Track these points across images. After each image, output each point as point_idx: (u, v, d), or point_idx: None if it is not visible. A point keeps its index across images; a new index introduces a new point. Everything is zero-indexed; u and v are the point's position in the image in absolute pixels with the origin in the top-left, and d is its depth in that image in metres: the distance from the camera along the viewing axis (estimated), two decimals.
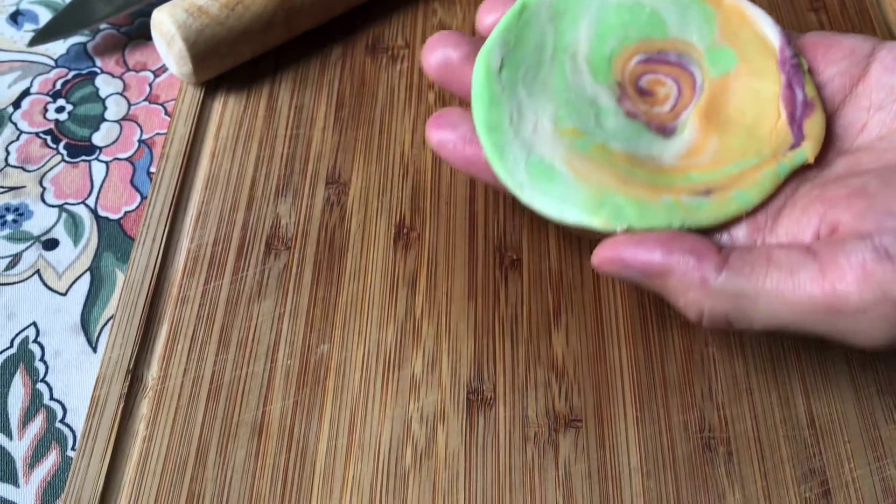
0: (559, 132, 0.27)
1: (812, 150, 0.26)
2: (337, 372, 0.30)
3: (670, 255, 0.24)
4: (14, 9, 0.43)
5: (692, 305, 0.24)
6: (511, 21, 0.28)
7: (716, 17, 0.29)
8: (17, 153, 0.37)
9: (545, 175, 0.26)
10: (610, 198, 0.25)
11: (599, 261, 0.25)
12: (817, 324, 0.23)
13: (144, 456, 0.29)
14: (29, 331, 0.32)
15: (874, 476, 0.28)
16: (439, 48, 0.28)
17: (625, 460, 0.29)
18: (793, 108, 0.27)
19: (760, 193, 0.26)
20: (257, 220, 0.34)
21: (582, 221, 0.25)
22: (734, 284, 0.23)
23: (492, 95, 0.27)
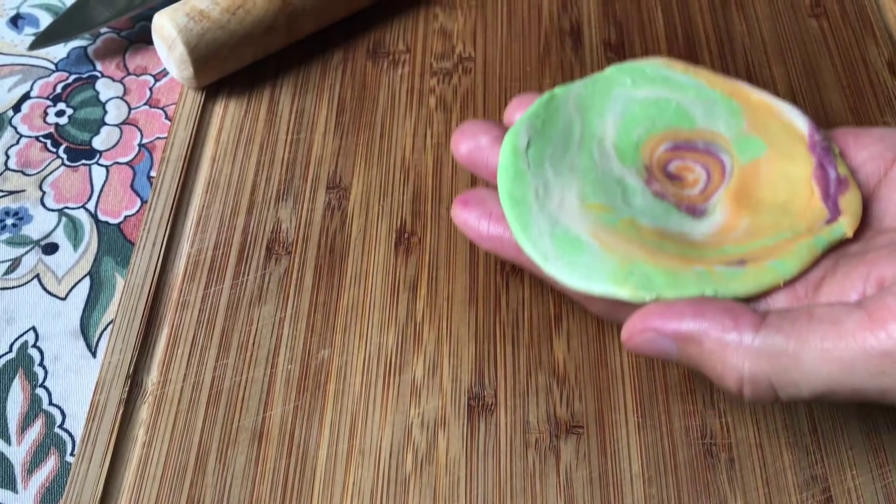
0: (585, 207, 0.26)
1: (850, 225, 0.25)
2: (337, 377, 0.30)
3: (703, 318, 0.22)
4: (14, 12, 0.43)
5: (730, 371, 0.22)
6: (539, 108, 0.28)
7: (743, 111, 0.29)
8: (16, 157, 0.37)
9: (571, 246, 0.25)
10: (638, 267, 0.24)
11: (629, 334, 0.24)
12: (870, 378, 0.21)
13: (144, 461, 0.29)
14: (28, 335, 0.32)
15: (876, 483, 0.28)
16: (470, 136, 0.29)
17: (626, 466, 0.29)
18: (826, 184, 0.27)
19: (798, 263, 0.25)
20: (258, 224, 0.34)
21: (609, 292, 0.24)
22: (774, 342, 0.22)
23: (517, 170, 0.27)
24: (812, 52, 0.40)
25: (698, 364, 0.23)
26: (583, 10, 0.42)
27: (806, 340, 0.21)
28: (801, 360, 0.21)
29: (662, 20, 0.41)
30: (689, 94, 0.29)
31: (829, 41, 0.40)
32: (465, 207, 0.27)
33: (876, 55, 0.40)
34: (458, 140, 0.29)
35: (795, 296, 0.24)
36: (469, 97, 0.38)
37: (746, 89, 0.30)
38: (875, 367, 0.21)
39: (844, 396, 0.22)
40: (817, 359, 0.21)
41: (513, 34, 0.41)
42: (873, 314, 0.21)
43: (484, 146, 0.28)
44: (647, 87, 0.30)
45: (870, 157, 0.27)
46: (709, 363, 0.23)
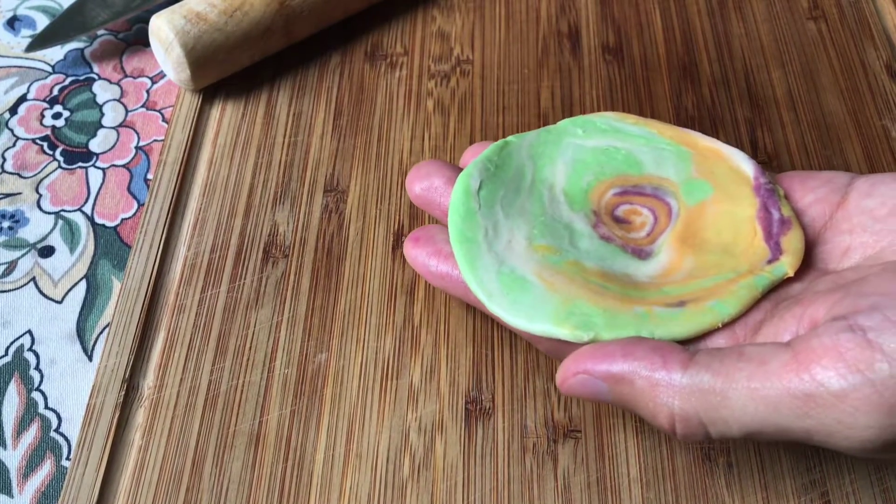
0: (533, 248, 0.27)
1: (791, 264, 0.26)
2: (334, 381, 0.30)
3: (633, 358, 0.23)
4: (11, 14, 0.42)
5: (661, 409, 0.22)
6: (493, 153, 0.29)
7: (691, 157, 0.30)
8: (13, 159, 0.37)
9: (516, 285, 0.26)
10: (578, 307, 0.25)
11: (563, 377, 0.24)
12: (796, 418, 0.21)
13: (140, 466, 0.28)
14: (24, 339, 0.32)
15: (874, 488, 0.28)
16: (424, 176, 0.29)
17: (624, 471, 0.28)
18: (769, 225, 0.27)
19: (737, 304, 0.25)
20: (255, 227, 0.34)
21: (548, 331, 0.25)
22: (702, 380, 0.22)
23: (468, 210, 0.27)
24: (810, 55, 0.40)
25: (631, 403, 0.23)
26: (581, 12, 0.42)
27: (733, 379, 0.21)
28: (728, 399, 0.21)
29: (660, 23, 0.41)
30: (639, 143, 0.30)
31: (828, 44, 0.40)
32: (415, 244, 0.28)
33: (874, 58, 0.40)
34: (413, 179, 0.29)
35: (734, 338, 0.25)
36: (467, 100, 0.38)
37: (697, 137, 0.30)
38: (799, 408, 0.21)
39: (772, 435, 0.22)
40: (744, 398, 0.21)
41: (511, 37, 0.40)
42: (799, 355, 0.21)
43: (437, 186, 0.29)
44: (598, 137, 0.30)
45: (816, 199, 0.27)
46: (640, 402, 0.23)
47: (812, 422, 0.21)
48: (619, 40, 0.40)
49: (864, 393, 0.20)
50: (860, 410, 0.20)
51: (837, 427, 0.20)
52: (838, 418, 0.20)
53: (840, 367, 0.20)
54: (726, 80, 0.39)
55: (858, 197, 0.26)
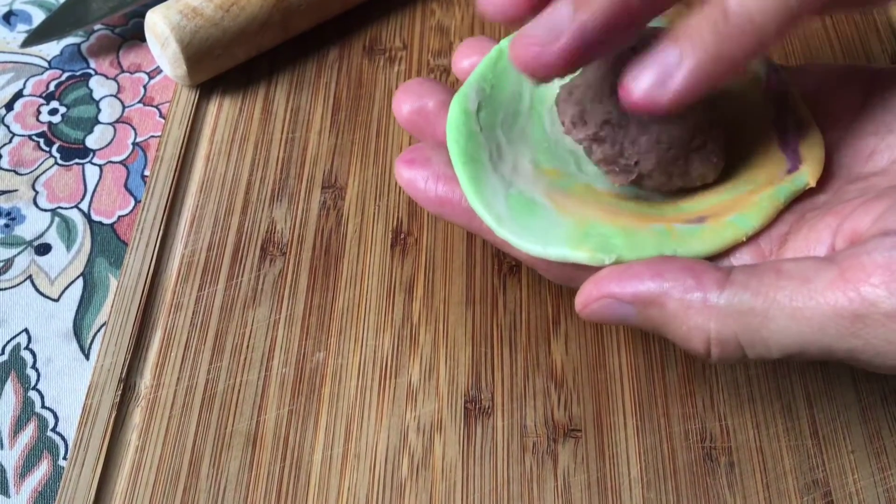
0: (540, 171, 0.25)
1: (812, 174, 0.24)
2: (333, 380, 0.30)
3: (663, 279, 0.21)
4: (7, 9, 0.42)
5: (696, 332, 0.21)
6: (487, 68, 0.27)
7: None
8: (9, 156, 0.37)
9: (526, 208, 0.24)
10: (595, 228, 0.23)
11: (585, 301, 0.22)
12: (842, 338, 0.20)
13: (137, 466, 0.28)
14: (21, 337, 0.32)
15: (878, 487, 0.28)
16: (413, 95, 0.26)
17: (625, 470, 0.28)
18: (784, 131, 0.25)
19: (759, 216, 0.24)
20: (252, 224, 0.34)
21: (565, 255, 0.23)
22: (741, 300, 0.20)
23: (469, 131, 0.25)
24: (815, 48, 0.39)
25: (661, 327, 0.22)
26: None
27: (774, 299, 0.20)
28: (769, 319, 0.20)
29: None
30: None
31: (832, 36, 0.40)
32: (410, 166, 0.25)
33: (879, 51, 0.39)
34: (401, 100, 0.27)
35: (760, 253, 0.23)
36: None
37: None
38: (846, 328, 0.19)
39: (813, 356, 0.21)
40: (787, 318, 0.20)
41: (510, 30, 0.40)
42: (846, 273, 0.20)
43: (429, 110, 0.26)
44: None
45: (836, 98, 0.26)
46: (672, 325, 0.21)
47: (859, 342, 0.20)
48: None
49: None
50: None
51: (886, 347, 0.19)
52: (888, 338, 0.19)
53: (893, 286, 0.19)
54: None
55: (882, 94, 0.25)
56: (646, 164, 0.24)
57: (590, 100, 0.24)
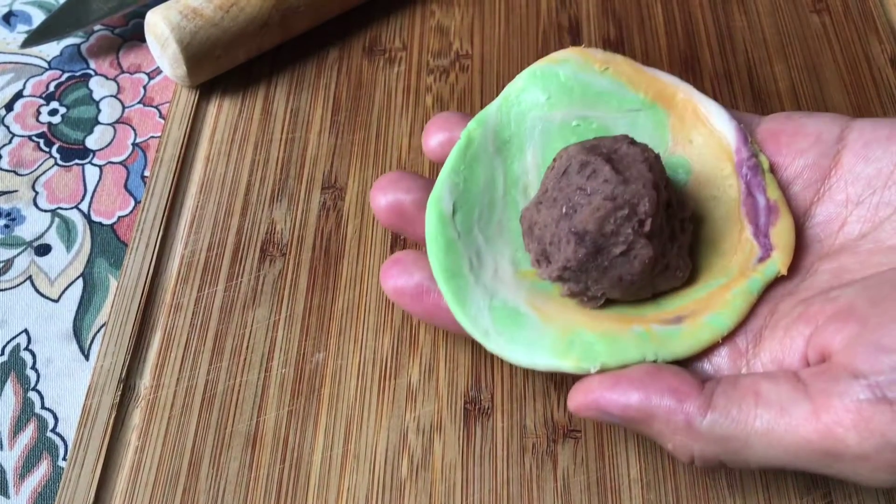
0: (520, 275, 0.26)
1: (783, 262, 0.25)
2: (332, 381, 0.30)
3: (648, 398, 0.22)
4: (7, 10, 0.42)
5: (681, 449, 0.22)
6: (457, 160, 0.27)
7: (668, 120, 0.28)
8: (9, 157, 0.37)
9: (510, 319, 0.25)
10: (578, 335, 0.24)
11: (576, 407, 0.23)
12: (815, 466, 0.21)
13: (136, 467, 0.28)
14: (20, 338, 0.32)
15: (878, 488, 0.28)
16: (390, 192, 0.27)
17: (624, 471, 0.28)
18: (755, 216, 0.26)
19: (734, 315, 0.24)
20: (252, 225, 0.34)
21: (552, 365, 0.24)
22: (722, 427, 0.22)
23: (448, 241, 0.26)
24: (814, 48, 0.39)
25: (649, 437, 0.23)
26: (581, 5, 0.41)
27: (753, 428, 0.21)
28: (748, 445, 0.22)
29: (662, 16, 0.41)
30: (610, 108, 0.28)
31: (831, 37, 0.40)
32: (396, 279, 0.26)
33: (878, 51, 0.39)
34: (378, 194, 0.27)
35: (737, 350, 0.24)
36: (466, 95, 0.38)
37: (671, 86, 0.28)
38: (819, 460, 0.21)
39: (792, 471, 0.23)
40: (764, 445, 0.21)
41: (510, 31, 0.40)
42: (820, 412, 0.21)
43: (407, 208, 0.27)
44: (564, 104, 0.28)
45: (806, 165, 0.26)
46: (659, 439, 0.23)
47: (831, 472, 0.21)
48: (619, 34, 0.40)
49: (886, 456, 0.20)
50: (880, 469, 0.20)
51: (856, 478, 0.21)
52: (858, 472, 0.21)
53: (863, 431, 0.20)
54: (728, 73, 0.38)
55: (852, 160, 0.25)
56: (612, 294, 0.25)
57: (548, 242, 0.25)
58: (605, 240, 0.24)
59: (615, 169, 0.24)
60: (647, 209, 0.24)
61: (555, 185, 0.25)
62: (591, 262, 0.24)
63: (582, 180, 0.24)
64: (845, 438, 0.20)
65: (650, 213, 0.24)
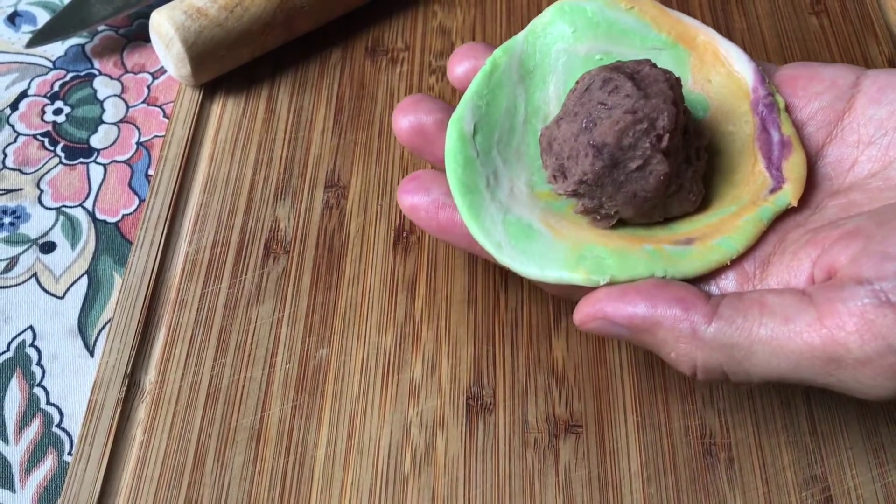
0: (535, 195, 0.26)
1: (794, 193, 0.25)
2: (336, 376, 0.30)
3: (655, 307, 0.23)
4: (12, 10, 0.42)
5: (683, 358, 0.23)
6: (481, 84, 0.27)
7: (688, 59, 0.28)
8: (14, 155, 0.37)
9: (523, 234, 0.25)
10: (589, 250, 0.24)
11: (581, 318, 0.24)
12: (817, 374, 0.21)
13: (141, 461, 0.28)
14: (26, 334, 0.32)
15: (876, 483, 0.28)
16: (411, 113, 0.27)
17: (625, 466, 0.28)
18: (769, 150, 0.26)
19: (744, 239, 0.25)
20: (256, 223, 0.34)
21: (562, 278, 0.24)
22: (726, 335, 0.22)
23: (466, 158, 0.26)
24: (812, 50, 0.40)
25: (651, 348, 0.23)
26: None
27: (758, 335, 0.22)
28: (751, 353, 0.22)
29: None
30: (634, 45, 0.28)
31: (830, 39, 0.40)
32: (412, 194, 0.26)
33: (877, 53, 0.40)
34: (400, 116, 0.27)
35: (745, 275, 0.24)
36: None
37: (693, 28, 0.29)
38: (821, 367, 0.21)
39: (791, 384, 0.22)
40: (767, 353, 0.22)
41: (512, 31, 0.40)
42: (824, 318, 0.21)
43: (428, 129, 0.27)
44: (589, 38, 0.28)
45: (820, 107, 0.27)
46: (663, 350, 0.23)
47: (832, 380, 0.21)
48: None
49: (888, 360, 0.20)
50: (881, 375, 0.20)
51: (857, 386, 0.21)
52: (859, 379, 0.21)
53: (865, 335, 0.20)
54: None
55: (865, 103, 0.26)
56: (625, 213, 0.26)
57: (566, 156, 0.25)
58: (623, 153, 0.24)
59: (637, 86, 0.24)
60: (666, 124, 0.24)
61: (576, 102, 0.25)
62: (608, 175, 0.24)
63: (604, 95, 0.25)
64: (847, 342, 0.20)
65: (668, 128, 0.24)
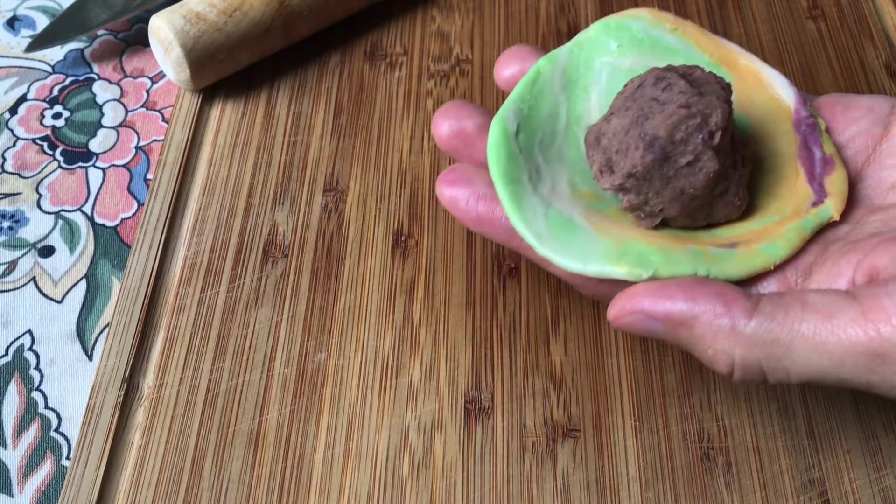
0: (577, 193, 0.26)
1: (836, 207, 0.25)
2: (334, 380, 0.30)
3: (695, 302, 0.22)
4: (11, 14, 0.42)
5: (721, 356, 0.22)
6: (525, 89, 0.27)
7: (731, 80, 0.29)
8: (13, 159, 0.37)
9: (564, 227, 0.25)
10: (632, 246, 0.24)
11: (617, 312, 0.23)
12: (860, 372, 0.21)
13: (140, 466, 0.28)
14: (24, 339, 0.32)
15: (873, 487, 0.28)
16: (453, 117, 0.27)
17: (623, 470, 0.28)
18: (811, 166, 0.26)
19: (787, 246, 0.24)
20: (255, 227, 0.34)
21: (604, 272, 0.24)
22: (767, 330, 0.21)
23: (509, 153, 0.26)
24: (810, 55, 0.40)
25: (688, 346, 0.23)
26: (580, 12, 0.42)
27: (799, 331, 0.21)
28: (792, 350, 0.21)
29: None
30: (677, 62, 0.28)
31: (827, 43, 0.40)
32: (452, 186, 0.26)
33: (874, 57, 0.40)
34: (441, 121, 0.27)
35: (786, 282, 0.24)
36: (466, 99, 0.38)
37: (735, 52, 0.29)
38: (865, 364, 0.21)
39: (831, 385, 0.22)
40: (809, 350, 0.21)
41: (510, 36, 0.41)
42: (868, 312, 0.21)
43: (469, 132, 0.27)
44: (634, 53, 0.29)
45: (858, 132, 0.27)
46: (699, 346, 0.23)
47: (876, 377, 0.21)
48: None
49: None
50: None
51: None
52: None
53: None
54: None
55: None
56: (670, 212, 0.25)
57: (615, 150, 0.25)
58: (674, 147, 0.24)
59: (690, 84, 0.24)
60: (719, 121, 0.24)
61: (628, 98, 0.25)
62: (657, 169, 0.24)
63: (657, 92, 0.25)
64: (893, 337, 0.20)
65: (721, 125, 0.24)
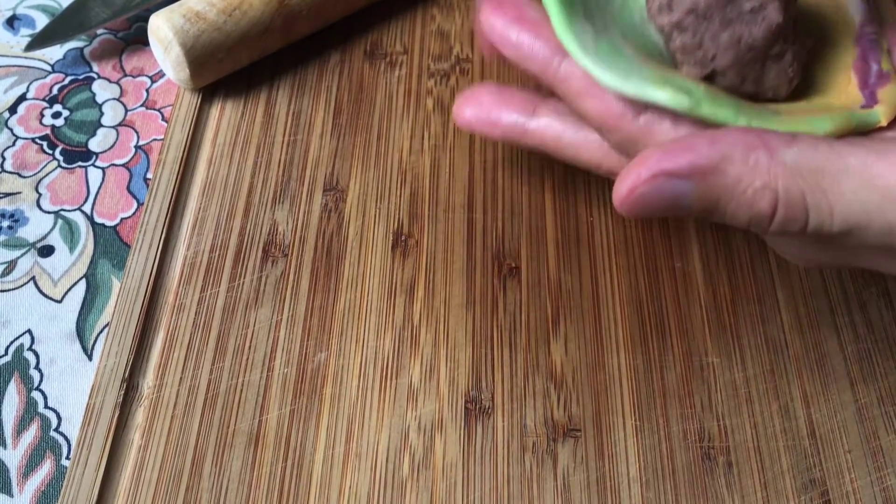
0: (628, 40, 0.25)
1: (886, 114, 0.24)
2: (334, 380, 0.30)
3: (720, 144, 0.20)
4: (11, 13, 0.42)
5: (762, 193, 0.19)
6: None
7: None
8: (12, 159, 0.37)
9: (612, 50, 0.23)
10: (677, 80, 0.23)
11: (631, 183, 0.20)
12: None
13: (139, 465, 0.28)
14: (24, 338, 0.32)
15: (875, 486, 0.28)
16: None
17: (624, 470, 0.28)
18: (866, 76, 0.25)
19: (832, 124, 0.23)
20: (254, 227, 0.34)
21: (645, 93, 0.22)
22: (810, 158, 0.19)
23: None
24: None
25: (721, 200, 0.20)
26: None
27: (846, 164, 0.19)
28: (839, 182, 0.19)
29: None
30: None
31: None
32: (496, 10, 0.24)
33: None
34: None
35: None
36: None
37: None
38: None
39: (874, 234, 0.20)
40: (857, 182, 0.19)
41: None
42: None
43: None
44: None
45: None
46: (735, 192, 0.20)
47: None
48: None
49: None
50: None
51: None
52: None
53: None
54: None
55: None
56: (722, 61, 0.24)
57: None
58: None
59: None
60: None
61: None
62: (719, 10, 0.23)
63: None
64: None
65: None
